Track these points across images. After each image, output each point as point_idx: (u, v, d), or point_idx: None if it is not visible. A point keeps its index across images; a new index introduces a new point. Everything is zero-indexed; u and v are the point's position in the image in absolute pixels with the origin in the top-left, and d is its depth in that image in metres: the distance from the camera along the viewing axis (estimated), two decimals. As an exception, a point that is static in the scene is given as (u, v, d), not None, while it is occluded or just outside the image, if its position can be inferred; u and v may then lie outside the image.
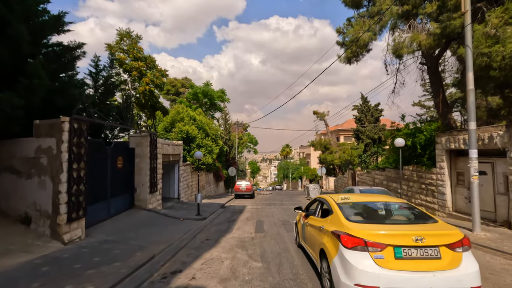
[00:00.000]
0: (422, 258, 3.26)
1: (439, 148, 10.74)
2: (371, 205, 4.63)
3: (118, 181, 10.04)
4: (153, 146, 11.76)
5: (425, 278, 3.12)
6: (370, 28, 13.71)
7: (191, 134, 18.28)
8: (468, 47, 7.73)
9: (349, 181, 23.05)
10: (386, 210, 4.49)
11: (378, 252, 3.28)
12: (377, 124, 31.29)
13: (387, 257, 3.25)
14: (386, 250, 3.27)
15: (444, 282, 3.13)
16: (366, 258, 3.29)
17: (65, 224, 6.47)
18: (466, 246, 3.40)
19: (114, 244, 6.67)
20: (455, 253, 3.32)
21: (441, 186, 10.71)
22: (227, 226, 9.58)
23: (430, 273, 3.15)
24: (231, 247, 6.69)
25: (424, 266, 3.20)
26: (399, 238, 3.33)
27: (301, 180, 56.49)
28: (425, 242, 3.28)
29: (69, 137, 6.61)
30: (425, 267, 3.19)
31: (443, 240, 3.36)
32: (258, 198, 23.49)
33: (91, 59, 12.16)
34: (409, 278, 3.13)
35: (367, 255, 3.30)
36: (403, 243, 3.29)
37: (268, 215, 12.26)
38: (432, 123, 11.61)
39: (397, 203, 4.66)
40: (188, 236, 7.93)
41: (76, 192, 6.78)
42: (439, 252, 3.29)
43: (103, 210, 9.06)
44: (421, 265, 3.21)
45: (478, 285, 3.22)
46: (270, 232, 8.42)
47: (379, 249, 3.28)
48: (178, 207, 13.45)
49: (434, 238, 3.35)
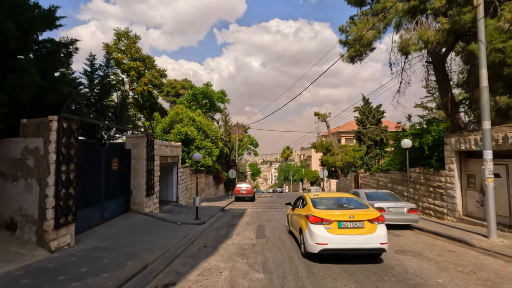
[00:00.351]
0: (353, 227, 5.52)
1: (448, 149, 10.28)
2: (331, 199, 6.91)
3: (113, 184, 9.60)
4: (150, 147, 11.33)
5: (354, 238, 5.42)
6: (374, 26, 13.32)
7: (190, 135, 17.85)
8: (481, 42, 7.30)
9: (352, 183, 22.56)
10: (340, 202, 6.74)
11: (328, 224, 5.55)
12: (379, 126, 30.84)
13: (333, 227, 5.52)
14: (333, 224, 5.54)
15: (364, 240, 5.41)
16: (322, 228, 5.54)
17: (52, 230, 6.03)
18: (380, 221, 5.62)
19: (104, 251, 6.22)
20: (373, 224, 5.54)
21: (451, 189, 10.23)
22: (226, 231, 9.11)
23: (357, 235, 5.42)
24: (231, 255, 6.23)
25: (354, 232, 5.47)
26: (341, 216, 5.63)
27: (302, 182, 55.94)
28: (355, 218, 5.55)
29: (57, 137, 6.18)
30: (354, 232, 5.47)
31: (366, 217, 5.60)
32: (259, 201, 23.01)
33: (86, 58, 11.74)
34: (345, 238, 5.43)
35: (322, 227, 5.55)
36: (343, 219, 5.57)
37: (270, 219, 11.79)
38: (440, 123, 11.16)
39: (347, 198, 6.92)
40: (185, 242, 7.47)
41: (65, 196, 6.33)
42: (363, 224, 5.53)
43: (96, 215, 8.61)
44: (352, 231, 5.48)
45: (385, 242, 5.48)
46: (272, 238, 7.95)
47: (329, 223, 5.55)
48: (176, 210, 12.99)
49: (361, 216, 5.62)
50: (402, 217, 9.02)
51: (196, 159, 11.94)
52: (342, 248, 5.42)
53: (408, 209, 9.03)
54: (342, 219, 5.53)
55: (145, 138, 11.00)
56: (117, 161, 9.94)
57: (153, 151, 11.58)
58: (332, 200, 6.79)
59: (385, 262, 5.67)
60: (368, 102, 31.85)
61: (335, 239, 5.37)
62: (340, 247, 5.40)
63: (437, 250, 6.63)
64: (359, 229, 5.45)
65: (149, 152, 11.23)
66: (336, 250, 5.42)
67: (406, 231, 8.95)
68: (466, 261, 5.70)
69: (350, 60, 14.75)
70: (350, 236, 5.40)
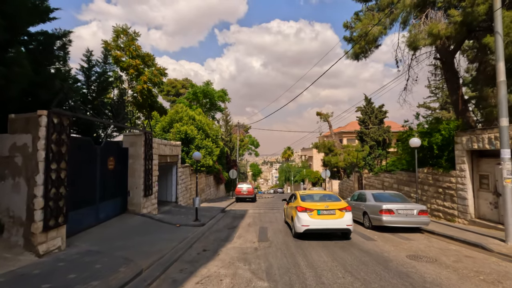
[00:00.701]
0: (327, 214, 7.54)
1: (459, 148, 9.84)
2: (314, 195, 8.85)
3: (109, 184, 9.19)
4: (148, 146, 10.92)
5: (328, 221, 7.48)
6: (380, 22, 12.91)
7: (190, 134, 17.43)
8: (499, 34, 6.88)
9: (355, 184, 22.09)
10: (320, 197, 8.70)
11: (310, 212, 7.55)
12: (382, 126, 30.36)
13: (314, 214, 7.53)
14: (313, 211, 7.55)
15: (335, 223, 7.46)
16: (306, 215, 7.55)
17: (41, 233, 5.62)
18: (347, 210, 7.65)
19: (97, 256, 5.80)
20: (342, 212, 7.57)
21: (462, 190, 9.79)
22: (227, 234, 8.69)
23: (330, 220, 7.48)
24: (232, 261, 5.80)
25: (328, 217, 7.52)
26: (319, 206, 7.66)
27: (303, 182, 55.47)
28: (329, 207, 7.61)
29: (46, 133, 5.78)
30: (329, 218, 7.52)
31: (337, 207, 7.64)
32: (260, 202, 22.58)
33: (83, 54, 11.35)
34: (322, 221, 7.47)
35: (306, 214, 7.56)
36: (321, 208, 7.61)
37: (272, 221, 11.36)
38: (450, 121, 10.70)
39: (325, 194, 9.16)
40: (184, 245, 7.05)
41: (55, 196, 5.93)
42: (335, 212, 7.56)
43: (91, 216, 8.20)
44: (327, 216, 7.52)
45: (350, 224, 7.53)
46: (276, 241, 7.52)
47: (311, 211, 7.55)
48: (175, 211, 12.57)
49: (333, 206, 7.65)
50: (412, 219, 8.58)
51: (196, 158, 11.53)
52: (320, 228, 7.56)
53: (419, 211, 8.59)
54: (320, 208, 7.67)
55: (143, 136, 10.60)
56: (114, 160, 9.53)
57: (151, 149, 11.17)
58: (315, 196, 8.85)
59: (399, 269, 5.24)
60: (371, 102, 31.38)
61: (315, 222, 7.52)
62: (318, 227, 7.55)
63: (453, 255, 6.19)
64: (332, 215, 7.60)
65: (147, 151, 10.82)
66: (315, 229, 7.57)
67: (416, 234, 8.51)
68: (488, 269, 5.26)
69: (354, 57, 14.32)
70: (325, 220, 7.56)
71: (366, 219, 9.67)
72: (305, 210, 7.58)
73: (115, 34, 19.12)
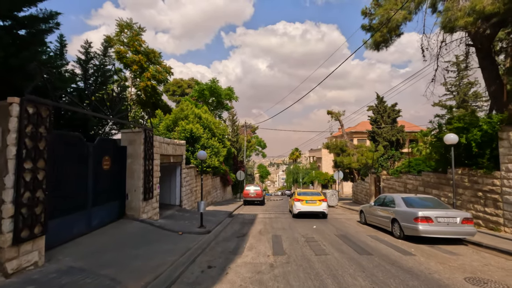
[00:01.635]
0: (312, 203, 13.06)
1: (505, 145, 8.46)
2: (306, 193, 13.88)
3: (104, 186, 8.17)
4: (149, 144, 9.89)
5: (312, 207, 13.02)
6: (404, 6, 11.62)
7: (196, 133, 16.39)
8: None
9: (371, 186, 20.64)
10: (308, 194, 13.65)
11: (302, 202, 13.12)
12: (395, 126, 28.79)
13: (303, 203, 13.09)
14: (303, 201, 13.13)
15: (316, 208, 12.99)
16: (299, 203, 13.10)
17: (10, 246, 4.58)
18: (324, 201, 13.12)
19: (79, 275, 4.73)
20: (320, 202, 13.07)
21: (509, 195, 8.40)
22: (236, 244, 7.54)
23: (313, 206, 13.01)
24: (244, 283, 4.64)
25: (312, 205, 13.05)
26: (307, 198, 13.22)
27: (312, 185, 53.93)
28: (313, 199, 13.17)
29: (18, 125, 4.76)
30: (312, 205, 13.05)
31: (318, 199, 13.15)
32: (269, 205, 21.39)
33: (81, 45, 10.43)
34: (308, 207, 13.02)
35: (299, 203, 13.11)
36: (308, 199, 13.19)
37: (285, 228, 10.17)
38: (492, 115, 9.32)
39: (313, 192, 14.67)
40: (185, 259, 5.94)
41: (30, 201, 4.90)
42: (317, 202, 13.08)
43: (81, 223, 7.17)
44: (312, 204, 13.05)
45: (325, 209, 13.08)
46: (294, 256, 6.33)
47: (302, 201, 13.13)
48: (179, 216, 11.50)
49: (315, 198, 13.19)
50: (455, 229, 7.25)
51: (201, 157, 10.45)
52: (307, 211, 12.76)
53: (462, 219, 7.27)
54: (308, 199, 12.92)
55: (143, 134, 9.57)
56: (110, 159, 8.52)
57: (152, 148, 10.14)
58: (306, 193, 13.71)
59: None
60: (383, 100, 29.82)
61: (304, 208, 12.77)
62: (306, 210, 12.75)
63: (524, 278, 4.88)
64: (314, 204, 12.82)
65: (148, 149, 9.79)
66: (304, 212, 12.77)
67: (460, 247, 7.18)
68: None
69: (375, 47, 13.06)
70: (310, 206, 12.79)
71: (396, 227, 8.37)
72: (299, 200, 12.98)
73: (119, 29, 18.30)
